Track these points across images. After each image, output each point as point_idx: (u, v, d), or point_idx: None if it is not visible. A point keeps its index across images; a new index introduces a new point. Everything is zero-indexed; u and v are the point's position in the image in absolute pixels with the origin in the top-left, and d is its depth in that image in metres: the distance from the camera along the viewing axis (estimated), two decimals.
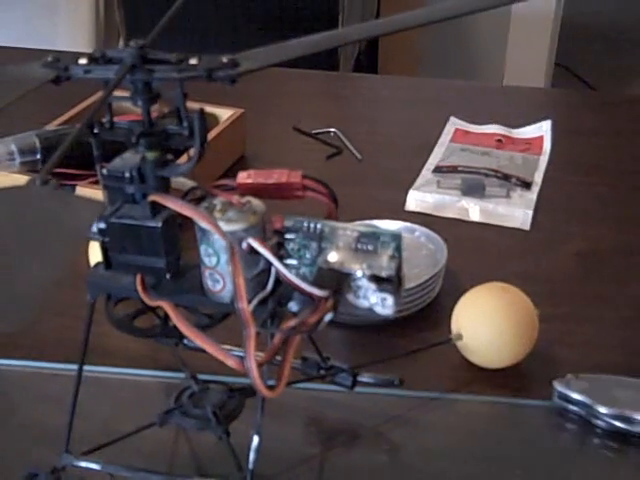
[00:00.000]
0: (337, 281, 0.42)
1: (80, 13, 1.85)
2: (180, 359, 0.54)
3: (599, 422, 0.57)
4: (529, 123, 1.02)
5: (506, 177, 0.90)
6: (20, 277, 0.25)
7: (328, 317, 0.41)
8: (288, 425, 0.56)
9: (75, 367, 0.50)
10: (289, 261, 0.44)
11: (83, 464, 0.46)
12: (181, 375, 0.55)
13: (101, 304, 0.48)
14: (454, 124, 1.03)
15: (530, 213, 0.85)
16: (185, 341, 0.55)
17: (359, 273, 0.42)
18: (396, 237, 0.43)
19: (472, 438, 0.58)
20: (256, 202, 0.44)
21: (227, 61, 0.41)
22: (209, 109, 0.88)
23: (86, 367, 0.49)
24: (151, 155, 0.43)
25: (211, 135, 0.85)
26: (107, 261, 0.45)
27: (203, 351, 0.55)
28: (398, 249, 0.43)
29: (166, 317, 0.47)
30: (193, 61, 0.41)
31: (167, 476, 0.46)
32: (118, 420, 0.59)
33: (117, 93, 0.41)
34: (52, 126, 0.84)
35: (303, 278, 0.42)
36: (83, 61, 0.42)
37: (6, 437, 0.58)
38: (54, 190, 0.33)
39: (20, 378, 0.63)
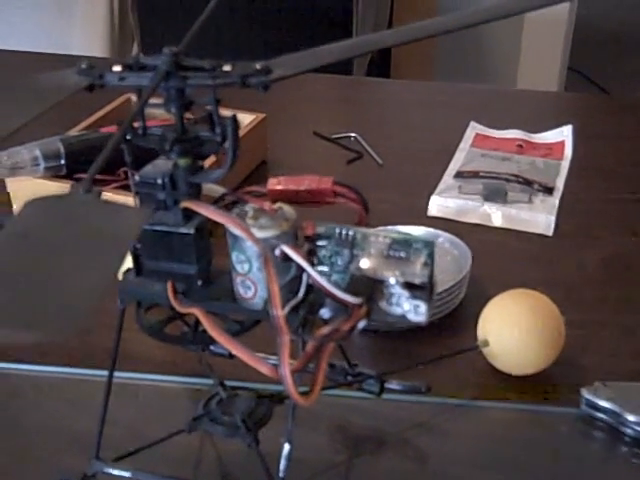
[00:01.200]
0: (370, 288, 0.42)
1: (95, 17, 1.85)
2: (208, 365, 0.54)
3: (627, 430, 0.57)
4: (548, 127, 1.02)
5: (528, 182, 0.90)
6: (70, 287, 0.25)
7: (361, 324, 0.41)
8: (315, 432, 0.56)
9: (102, 373, 0.50)
10: (321, 268, 0.44)
11: (113, 471, 0.46)
12: (207, 381, 0.55)
13: (127, 311, 0.48)
14: (474, 129, 1.02)
15: (553, 219, 0.84)
16: (212, 347, 0.55)
17: (392, 280, 0.41)
18: (429, 244, 0.42)
19: (498, 445, 0.57)
20: (287, 208, 0.44)
21: (260, 68, 0.41)
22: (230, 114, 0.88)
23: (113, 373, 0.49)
24: (183, 162, 0.43)
25: None
26: (138, 268, 0.45)
27: (230, 357, 0.55)
28: (431, 256, 0.42)
29: (196, 324, 0.47)
30: (227, 68, 0.41)
31: None
32: (144, 426, 0.59)
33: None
34: (76, 131, 0.84)
35: (335, 285, 0.42)
36: (117, 68, 0.42)
37: (35, 443, 0.58)
38: (97, 198, 0.33)
39: (49, 384, 0.63)
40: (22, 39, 1.75)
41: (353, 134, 1.00)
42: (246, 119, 0.90)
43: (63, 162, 0.75)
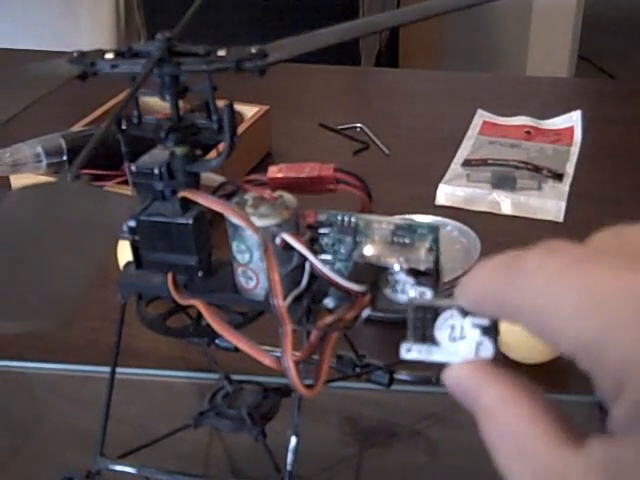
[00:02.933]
0: (374, 275, 0.41)
1: (101, 15, 1.85)
2: (212, 359, 0.53)
3: None
4: (557, 114, 1.01)
5: (537, 169, 0.88)
6: (57, 275, 0.24)
7: (366, 313, 0.40)
8: (324, 425, 0.55)
9: (106, 369, 0.49)
10: (323, 256, 0.43)
11: (118, 468, 0.45)
12: (213, 376, 0.54)
13: (131, 305, 0.47)
14: (481, 116, 1.01)
15: (563, 204, 0.83)
16: (217, 341, 0.54)
17: (396, 267, 0.40)
18: (433, 229, 0.41)
19: None
20: (288, 196, 0.43)
21: (256, 52, 0.40)
22: (234, 107, 0.87)
23: (117, 369, 0.49)
24: (180, 150, 0.42)
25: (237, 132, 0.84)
26: (138, 260, 0.44)
27: (235, 351, 0.54)
28: (436, 241, 0.41)
29: (198, 316, 0.46)
30: (221, 53, 0.40)
31: (204, 479, 0.45)
32: (150, 422, 0.58)
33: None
34: (78, 127, 0.83)
35: (339, 273, 0.41)
36: (110, 56, 0.41)
37: (40, 440, 0.57)
38: (86, 185, 0.32)
39: (52, 382, 0.63)
40: (28, 38, 1.75)
41: (359, 125, 0.99)
42: (250, 111, 0.89)
43: (65, 158, 0.75)
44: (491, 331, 0.29)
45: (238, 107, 0.89)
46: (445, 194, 0.85)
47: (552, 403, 0.26)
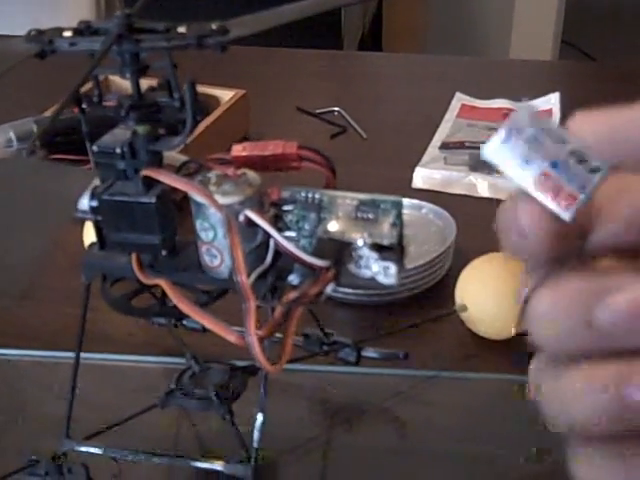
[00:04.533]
0: (338, 251, 0.40)
1: (81, 5, 1.84)
2: (179, 340, 0.53)
3: None
4: (537, 96, 1.00)
5: None
6: (8, 246, 0.24)
7: (330, 288, 0.40)
8: (293, 405, 0.55)
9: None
10: (287, 233, 0.43)
11: (84, 449, 0.45)
12: (184, 360, 0.54)
13: (99, 289, 0.47)
14: (460, 100, 1.01)
15: None
16: (184, 322, 0.54)
17: (360, 242, 0.40)
18: (397, 204, 0.41)
19: (481, 415, 0.56)
20: (252, 174, 0.43)
21: (217, 28, 0.40)
22: (210, 91, 0.87)
23: (88, 355, 0.48)
24: (142, 129, 0.42)
25: (213, 117, 0.83)
26: (101, 241, 0.44)
27: (202, 331, 0.54)
28: (399, 216, 0.41)
29: (163, 296, 0.46)
30: (182, 29, 0.40)
31: (170, 458, 0.45)
32: (121, 407, 0.57)
33: None
34: (50, 112, 0.83)
35: (302, 250, 0.41)
36: (68, 34, 0.40)
37: (11, 427, 0.57)
38: (41, 161, 0.32)
39: (23, 368, 0.62)
40: (7, 26, 1.73)
41: (336, 109, 0.99)
42: (226, 95, 0.88)
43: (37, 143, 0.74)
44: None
45: (214, 91, 0.89)
46: (422, 177, 0.85)
47: None
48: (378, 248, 0.40)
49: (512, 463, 0.52)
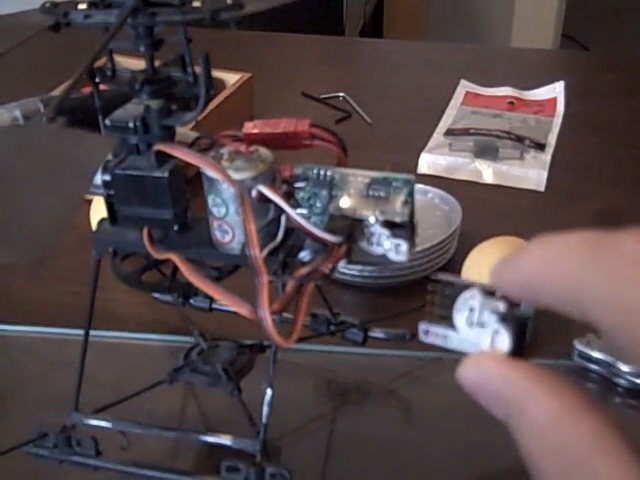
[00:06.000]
0: (349, 228, 0.41)
1: None
2: (187, 318, 0.53)
3: (621, 381, 0.56)
4: (541, 85, 1.00)
5: (519, 139, 0.88)
6: (32, 210, 0.24)
7: (342, 264, 0.40)
8: (300, 385, 0.55)
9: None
10: (299, 210, 0.43)
11: (93, 422, 0.45)
12: (190, 339, 0.54)
13: (109, 266, 0.47)
14: (464, 87, 1.01)
15: (545, 174, 0.83)
16: (192, 301, 0.54)
17: (372, 219, 0.40)
18: (408, 182, 0.41)
19: None
20: (264, 150, 0.43)
21: (232, 2, 0.39)
22: (216, 74, 0.87)
23: (96, 332, 0.48)
24: (155, 104, 0.42)
25: (219, 99, 0.83)
26: (112, 216, 0.44)
27: (210, 310, 0.54)
28: (411, 194, 0.41)
29: (173, 273, 0.46)
30: (197, 3, 0.40)
31: (179, 432, 0.45)
32: (129, 384, 0.57)
33: None
34: (57, 92, 0.82)
35: (314, 224, 0.41)
36: (83, 6, 0.40)
37: (18, 402, 0.57)
38: (61, 127, 0.32)
39: (31, 344, 0.62)
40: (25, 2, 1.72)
41: (342, 94, 0.99)
42: (232, 79, 0.88)
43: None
44: (508, 319, 0.25)
45: (220, 74, 0.89)
46: (427, 163, 0.85)
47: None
48: (390, 225, 0.40)
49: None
